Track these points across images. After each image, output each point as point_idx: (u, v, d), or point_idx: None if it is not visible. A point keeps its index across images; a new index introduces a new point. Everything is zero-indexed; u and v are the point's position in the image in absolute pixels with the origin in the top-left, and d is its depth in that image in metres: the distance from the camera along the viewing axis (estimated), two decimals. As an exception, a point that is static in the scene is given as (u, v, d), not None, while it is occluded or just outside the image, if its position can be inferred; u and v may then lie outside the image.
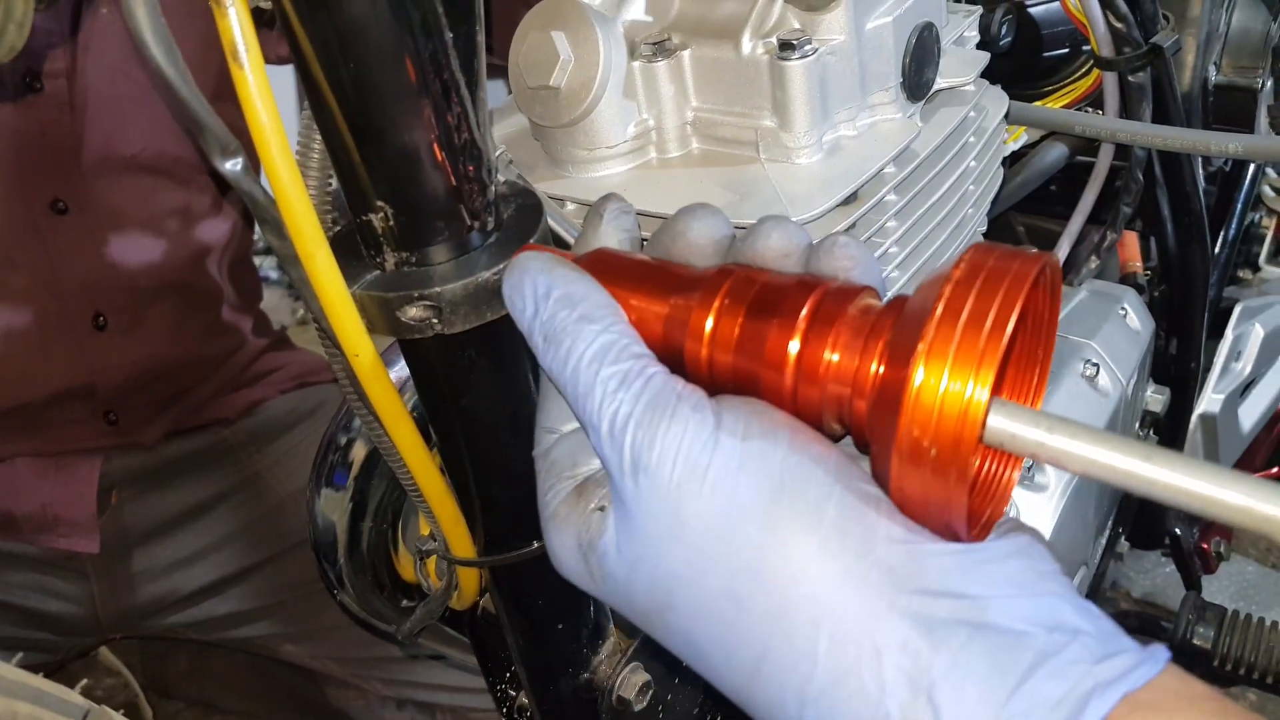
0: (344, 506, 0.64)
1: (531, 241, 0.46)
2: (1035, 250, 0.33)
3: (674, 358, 0.40)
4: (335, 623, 1.07)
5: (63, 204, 0.99)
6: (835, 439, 0.36)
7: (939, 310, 0.31)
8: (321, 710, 1.35)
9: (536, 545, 0.55)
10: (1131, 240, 1.12)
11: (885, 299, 0.37)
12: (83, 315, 1.03)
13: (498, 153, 0.53)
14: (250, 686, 1.41)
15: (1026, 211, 1.08)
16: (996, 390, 0.31)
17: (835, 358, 0.35)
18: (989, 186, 0.70)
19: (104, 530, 1.14)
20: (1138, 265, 1.13)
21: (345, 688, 1.28)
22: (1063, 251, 0.97)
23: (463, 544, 0.55)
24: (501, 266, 0.44)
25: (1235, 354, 1.24)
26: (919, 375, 0.30)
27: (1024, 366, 0.37)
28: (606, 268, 0.42)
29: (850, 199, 0.55)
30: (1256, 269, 1.52)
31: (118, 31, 0.97)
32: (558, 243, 0.54)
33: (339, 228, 0.49)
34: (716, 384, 0.38)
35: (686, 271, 0.40)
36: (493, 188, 0.46)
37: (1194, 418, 1.17)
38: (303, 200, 0.41)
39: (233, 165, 0.40)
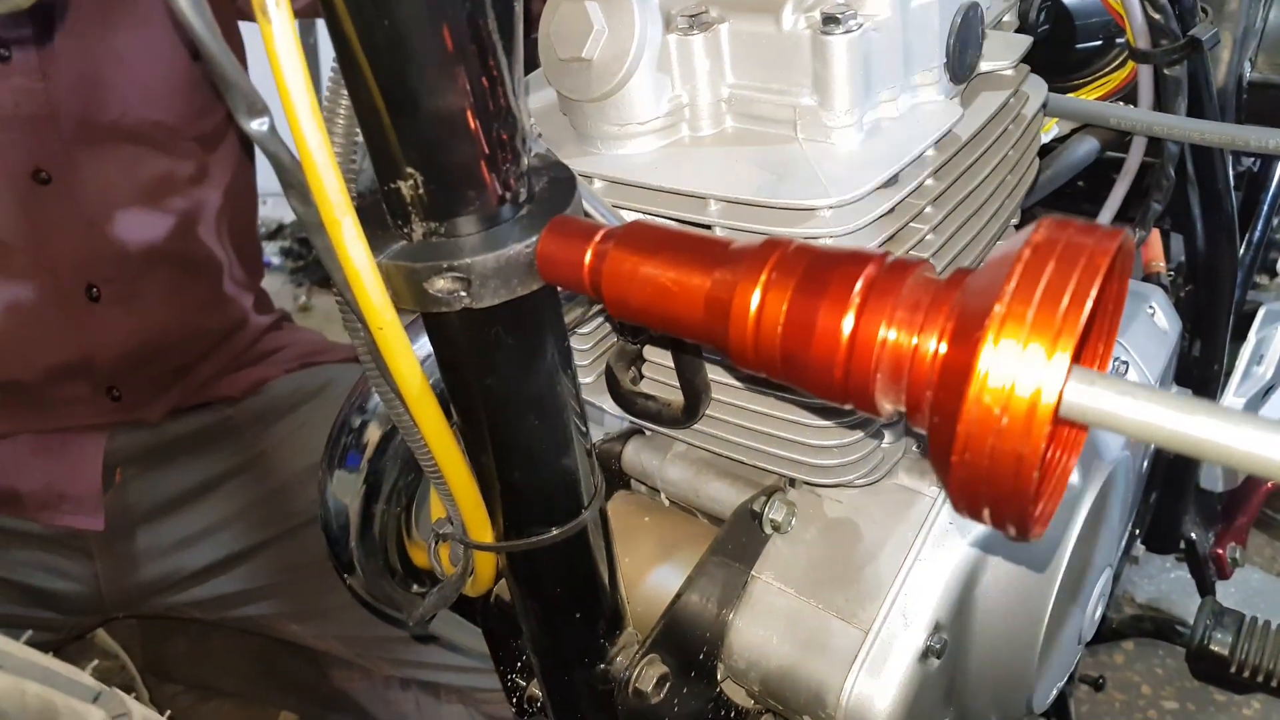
0: (357, 489, 0.62)
1: (566, 214, 0.44)
2: (1110, 226, 0.31)
3: (717, 337, 0.38)
4: (340, 602, 1.06)
5: (45, 174, 0.98)
6: (889, 420, 0.35)
7: (1015, 279, 0.29)
8: (323, 693, 1.34)
9: (556, 532, 0.54)
10: (1155, 239, 1.11)
11: (943, 275, 0.35)
12: (75, 287, 1.01)
13: (530, 123, 0.52)
14: (250, 669, 1.40)
15: (1053, 207, 1.06)
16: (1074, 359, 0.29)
17: (892, 334, 0.33)
18: (1025, 177, 0.68)
19: (108, 508, 1.13)
20: (1160, 265, 1.11)
21: (349, 669, 1.27)
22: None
23: (481, 528, 0.54)
24: (534, 239, 0.42)
25: (1258, 358, 1.22)
26: (990, 342, 0.29)
27: (1089, 348, 0.35)
28: (643, 241, 0.40)
29: (890, 182, 0.54)
30: (1274, 274, 1.51)
31: None
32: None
33: (359, 197, 0.47)
34: (763, 364, 0.37)
35: (730, 244, 0.39)
36: (526, 158, 0.44)
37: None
38: (330, 164, 0.40)
39: (259, 125, 0.38)
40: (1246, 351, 1.20)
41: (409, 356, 0.44)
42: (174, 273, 1.09)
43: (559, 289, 0.46)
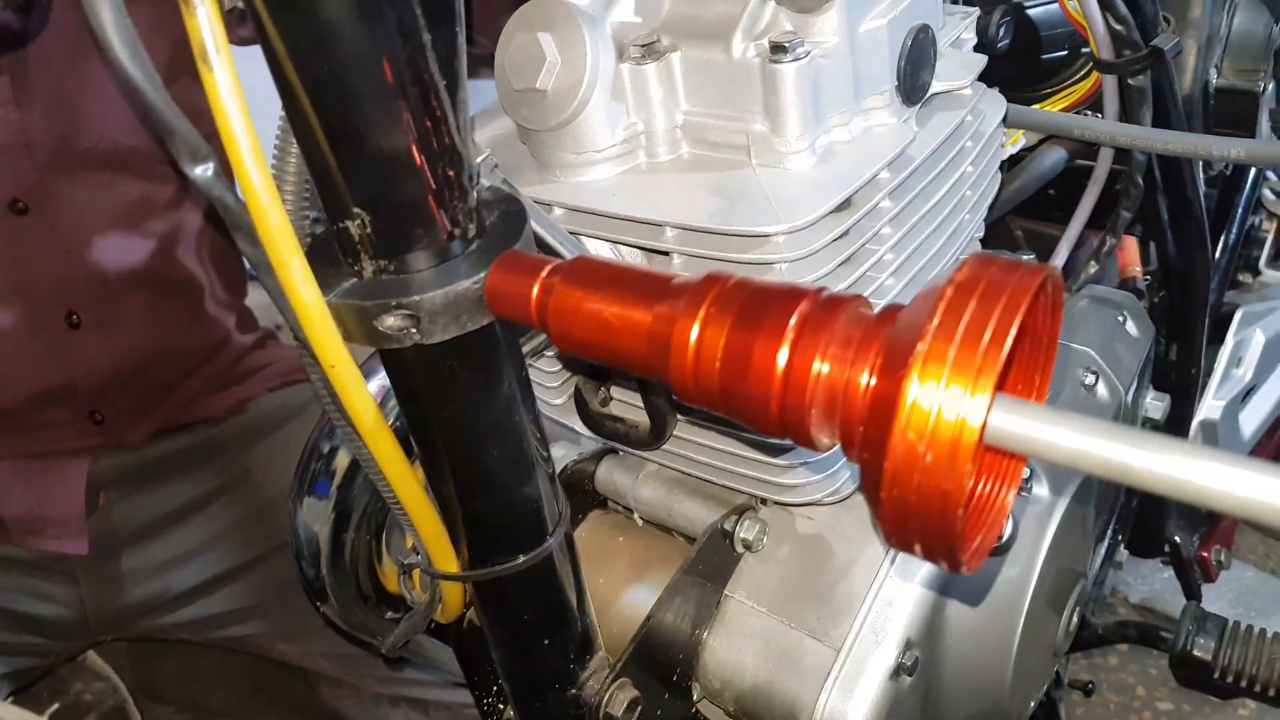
0: (327, 516, 0.62)
1: (515, 249, 0.44)
2: (1035, 262, 0.31)
3: (658, 371, 0.38)
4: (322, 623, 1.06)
5: (21, 204, 0.98)
6: (823, 452, 0.35)
7: (937, 317, 0.30)
8: (314, 710, 1.34)
9: (521, 560, 0.54)
10: (1131, 245, 1.11)
11: (877, 310, 0.36)
12: (55, 314, 1.01)
13: (481, 157, 0.52)
14: (241, 687, 1.40)
15: (1025, 216, 1.06)
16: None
17: (825, 368, 0.34)
18: (986, 191, 0.69)
19: (93, 531, 1.13)
20: (1137, 270, 1.12)
21: (339, 686, 1.27)
22: (1061, 256, 0.96)
23: (445, 558, 0.54)
24: (482, 275, 0.43)
25: (1236, 360, 1.23)
26: (914, 380, 0.29)
27: (1022, 380, 0.36)
28: (588, 276, 0.41)
29: (844, 205, 0.54)
30: (1257, 273, 1.51)
31: (62, 24, 0.96)
32: (542, 248, 0.52)
33: (316, 234, 0.47)
34: (704, 397, 0.37)
35: (672, 279, 0.39)
36: (474, 193, 0.44)
37: (1194, 425, 1.16)
38: (275, 206, 0.40)
39: (203, 171, 0.39)
40: (1225, 354, 1.21)
41: (362, 392, 0.45)
42: (154, 296, 1.09)
43: (515, 320, 0.47)
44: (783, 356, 0.34)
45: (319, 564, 0.64)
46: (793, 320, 0.35)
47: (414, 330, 0.43)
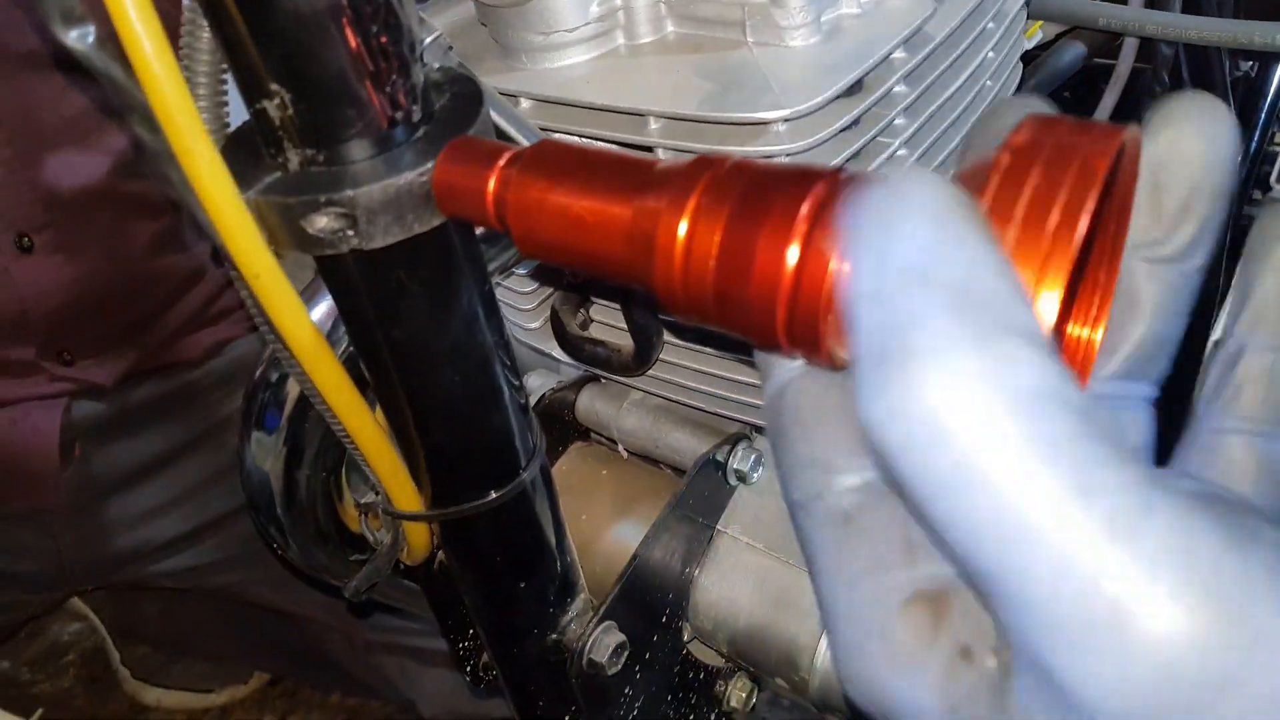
0: (278, 451, 0.56)
1: (469, 134, 0.37)
2: (1109, 123, 0.25)
3: (641, 275, 0.32)
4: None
5: None
6: (839, 369, 0.29)
7: (992, 189, 0.23)
8: (301, 653, 1.30)
9: (492, 496, 0.48)
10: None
11: None
12: (4, 237, 0.94)
13: (434, 36, 0.45)
14: (222, 631, 1.36)
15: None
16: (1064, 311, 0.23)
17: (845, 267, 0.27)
18: (1007, 84, 0.62)
19: (70, 483, 1.07)
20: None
21: (329, 631, 1.23)
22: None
23: (406, 496, 0.48)
24: (429, 165, 0.36)
25: (1253, 275, 1.17)
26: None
27: (1089, 278, 0.30)
28: (555, 163, 0.34)
29: (854, 89, 0.47)
30: (1267, 188, 1.45)
31: None
32: (502, 139, 0.45)
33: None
34: (695, 307, 0.31)
35: (656, 165, 0.32)
36: (418, 69, 0.37)
37: (1209, 343, 1.10)
38: (173, 78, 0.33)
39: (79, 35, 0.32)
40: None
41: (294, 306, 0.38)
42: (116, 216, 1.01)
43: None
44: (793, 254, 0.28)
45: (272, 503, 0.58)
46: (804, 209, 0.28)
47: (350, 232, 0.36)
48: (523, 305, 0.64)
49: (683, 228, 0.30)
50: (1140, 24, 0.74)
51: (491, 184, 0.35)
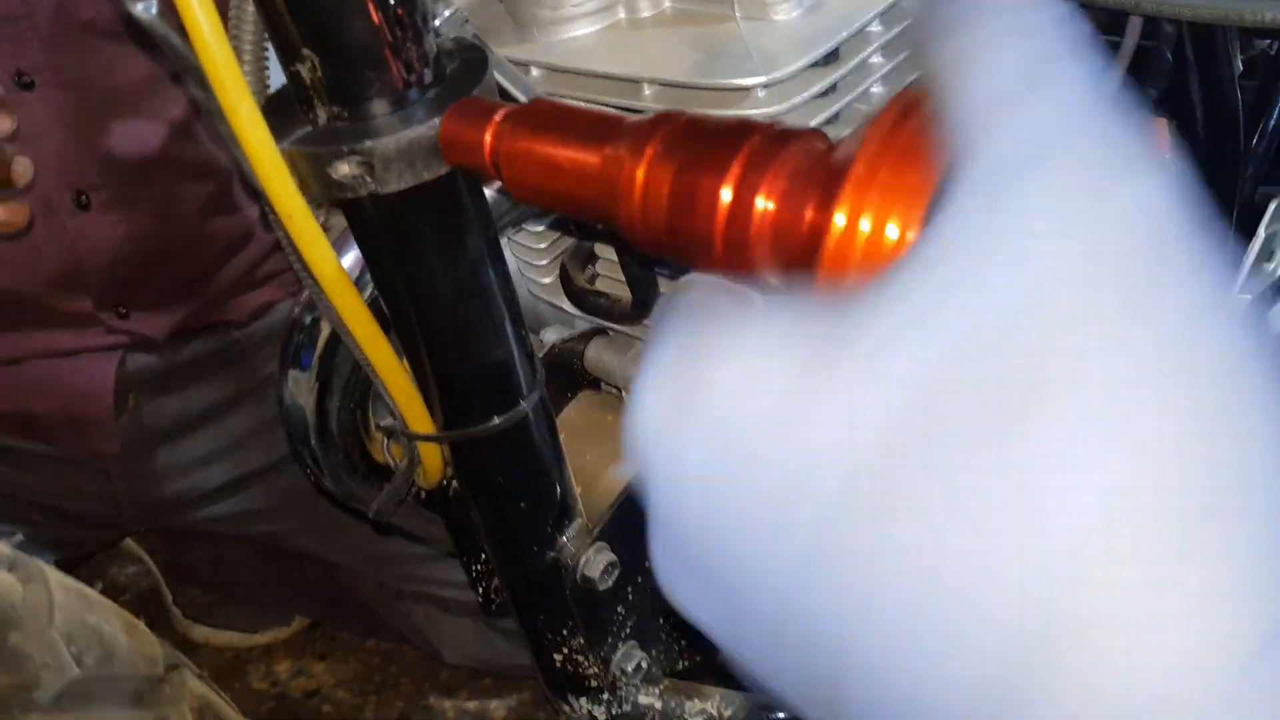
0: (311, 387, 0.62)
1: (474, 95, 0.43)
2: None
3: (609, 214, 0.37)
4: (350, 520, 1.08)
5: (27, 77, 0.97)
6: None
7: (873, 141, 0.28)
8: (337, 601, 1.37)
9: (497, 421, 0.54)
10: (1162, 128, 1.06)
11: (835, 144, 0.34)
12: (63, 195, 1.01)
13: (452, 10, 0.50)
14: (268, 576, 1.44)
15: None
16: None
17: (770, 205, 0.32)
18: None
19: (124, 431, 1.15)
20: (1166, 155, 1.07)
21: (363, 580, 1.31)
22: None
23: (419, 419, 0.54)
24: (436, 121, 0.42)
25: (1268, 253, 1.18)
26: (841, 209, 0.28)
27: None
28: (541, 119, 0.39)
29: (831, 59, 0.52)
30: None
31: None
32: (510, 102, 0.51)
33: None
34: (652, 239, 0.36)
35: (624, 120, 0.38)
36: (429, 37, 0.43)
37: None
38: (221, 44, 0.39)
39: (144, 7, 0.37)
40: (1255, 247, 1.16)
41: (321, 243, 0.44)
42: (171, 179, 1.08)
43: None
44: (726, 193, 0.33)
45: (307, 433, 0.65)
46: (739, 155, 0.33)
47: (368, 178, 0.42)
48: (536, 261, 0.69)
49: (641, 172, 0.35)
50: (1137, 1, 0.77)
51: (488, 137, 0.40)
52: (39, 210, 1.02)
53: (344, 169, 0.42)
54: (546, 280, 0.70)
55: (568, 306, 0.69)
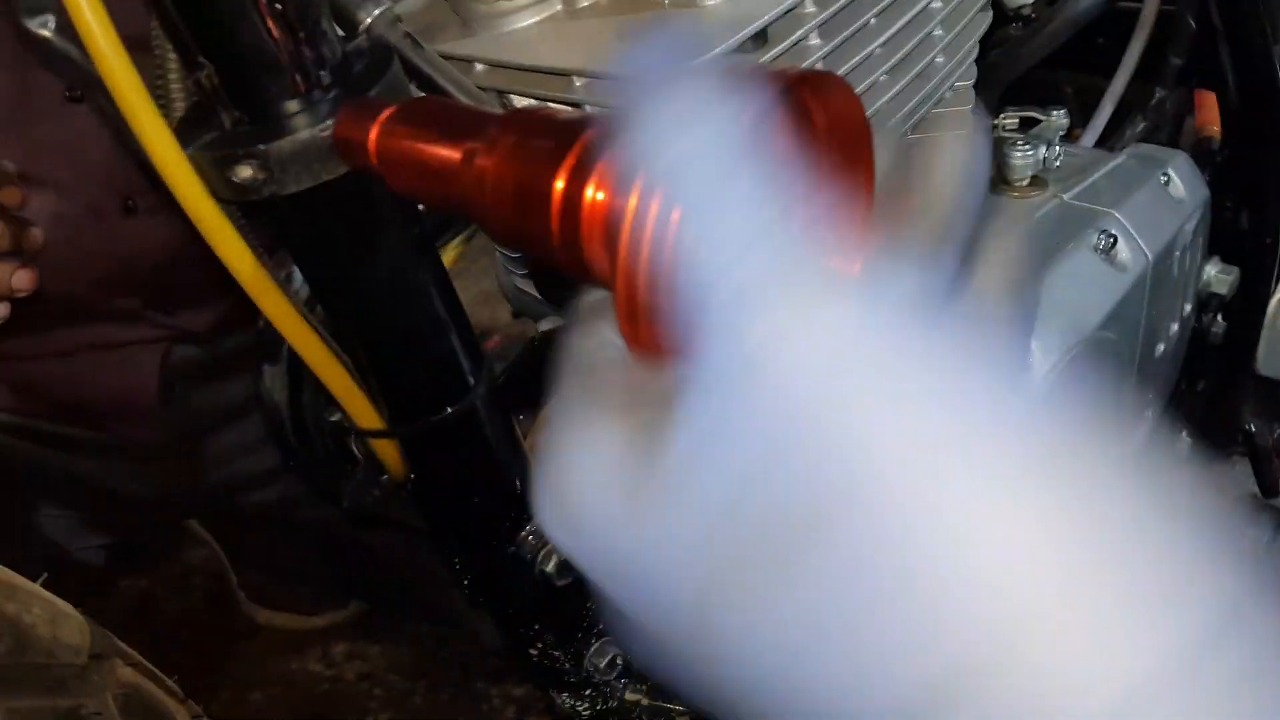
0: (283, 381, 0.64)
1: (371, 95, 0.43)
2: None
3: (473, 214, 0.37)
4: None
5: (77, 92, 1.02)
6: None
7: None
8: (387, 583, 1.41)
9: (444, 415, 0.55)
10: (1209, 101, 1.00)
11: None
12: (111, 201, 1.06)
13: (382, 9, 0.51)
14: (322, 560, 1.49)
15: (1075, 68, 0.97)
16: None
17: (600, 195, 0.32)
18: (969, 29, 0.63)
19: (169, 420, 1.20)
20: (1215, 129, 1.01)
21: (410, 564, 1.34)
22: (1104, 113, 0.87)
23: (365, 415, 0.55)
24: (329, 123, 0.42)
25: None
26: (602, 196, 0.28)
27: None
28: (417, 117, 0.39)
29: (760, 41, 0.50)
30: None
31: None
32: (428, 89, 0.51)
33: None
34: (509, 239, 0.36)
35: (491, 115, 0.37)
36: (328, 41, 0.43)
37: (1273, 302, 1.06)
38: (119, 57, 0.40)
39: (40, 23, 0.39)
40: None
41: (235, 243, 0.46)
42: None
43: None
44: (559, 185, 0.33)
45: (284, 428, 0.67)
46: (572, 149, 0.33)
47: (268, 181, 0.43)
48: (513, 254, 0.69)
49: (487, 167, 0.35)
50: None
51: (373, 136, 0.40)
52: (88, 216, 1.08)
53: (244, 172, 0.43)
54: (522, 273, 0.71)
55: (541, 297, 0.70)
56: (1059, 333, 0.68)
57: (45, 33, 0.39)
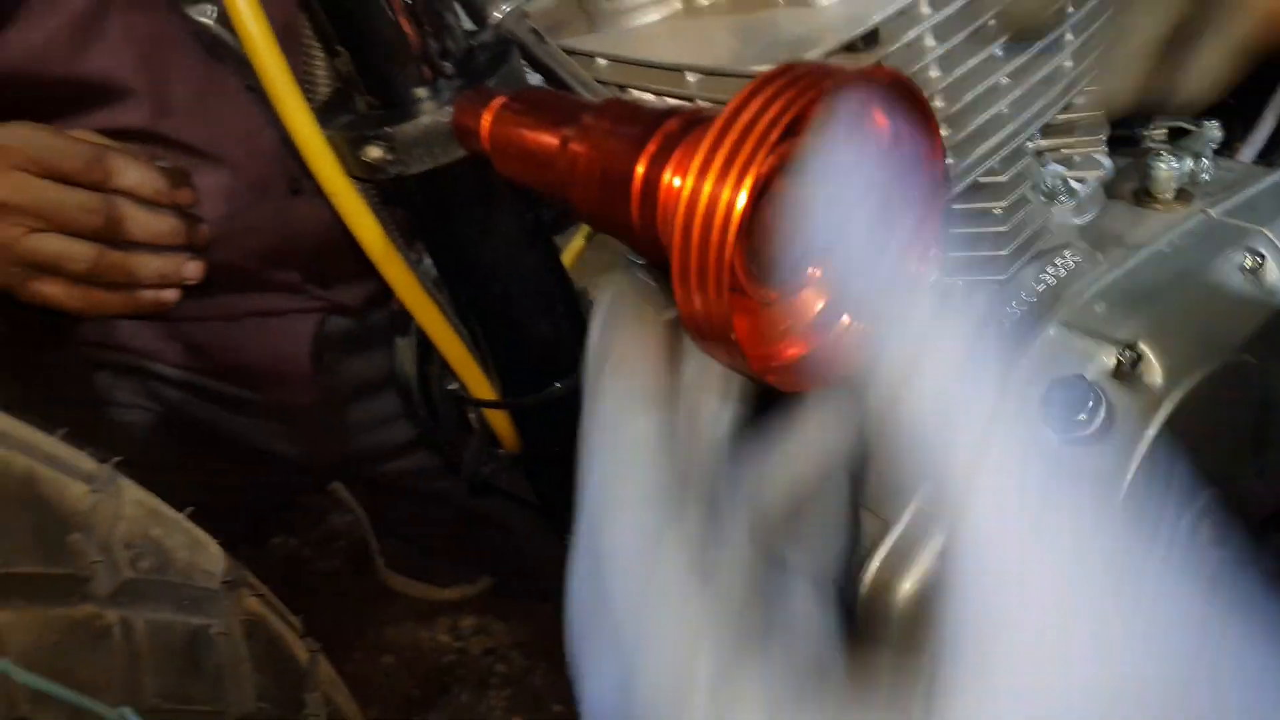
0: (413, 353, 0.69)
1: (487, 85, 0.47)
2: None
3: (568, 197, 0.40)
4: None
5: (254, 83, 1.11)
6: None
7: (721, 119, 0.29)
8: (512, 560, 1.47)
9: (549, 390, 0.58)
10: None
11: None
12: (278, 181, 1.15)
13: (511, 7, 0.54)
14: (456, 533, 1.56)
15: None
16: None
17: (676, 181, 0.34)
18: (1099, 32, 0.61)
19: (319, 386, 1.29)
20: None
21: (533, 542, 1.39)
22: (1267, 126, 0.82)
23: (479, 385, 0.59)
24: (449, 109, 0.46)
25: None
26: (678, 182, 0.29)
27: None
28: (524, 105, 0.42)
29: (871, 42, 0.51)
30: None
31: None
32: (551, 81, 0.54)
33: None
34: (593, 219, 0.38)
35: (584, 102, 0.40)
36: (455, 34, 0.47)
37: None
38: (269, 45, 0.45)
39: (201, 12, 0.44)
40: None
41: (366, 218, 0.50)
42: None
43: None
44: (639, 169, 0.35)
45: (413, 398, 0.72)
46: (656, 133, 0.35)
47: (395, 161, 0.47)
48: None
49: (579, 152, 0.37)
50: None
51: (485, 124, 0.44)
52: (257, 194, 1.18)
53: (374, 152, 0.47)
54: (641, 262, 0.73)
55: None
56: (1194, 354, 0.64)
57: (206, 20, 0.44)
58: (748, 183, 0.28)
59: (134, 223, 0.88)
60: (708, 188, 0.29)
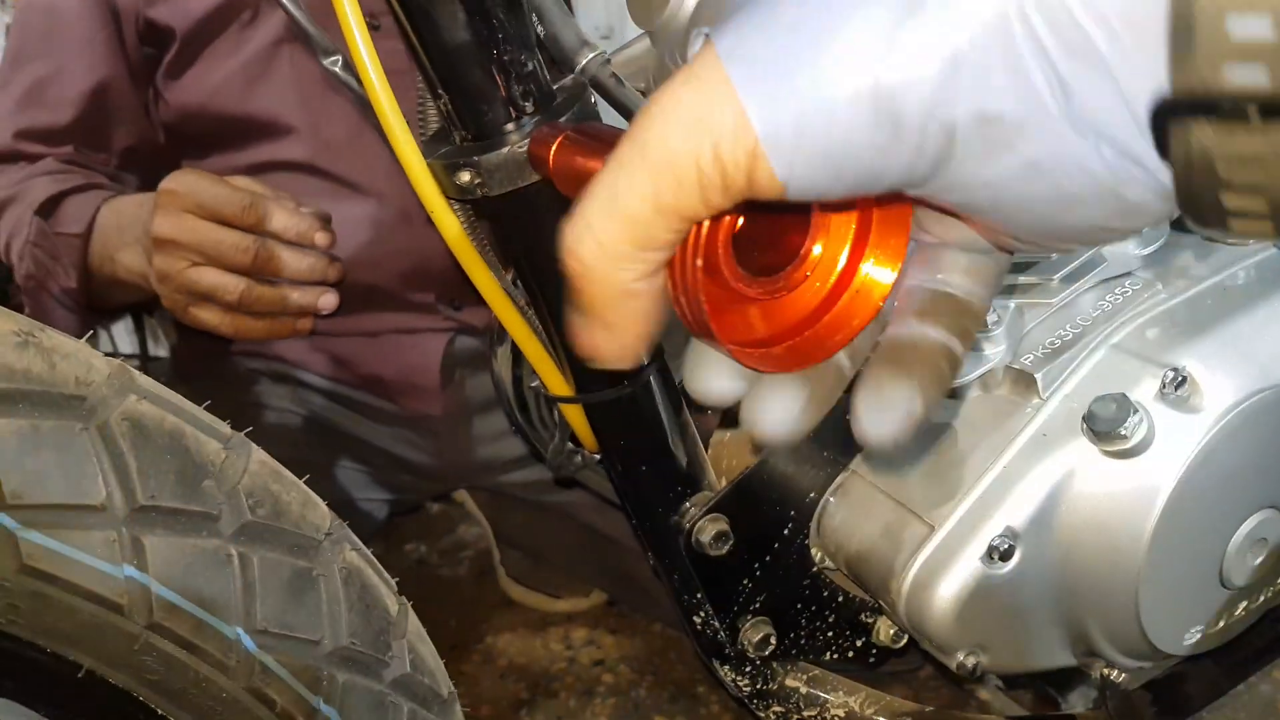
0: (507, 358, 0.78)
1: (559, 122, 0.55)
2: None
3: None
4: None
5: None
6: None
7: None
8: (624, 575, 1.54)
9: (614, 388, 0.65)
10: None
11: None
12: (418, 210, 1.27)
13: (595, 54, 0.63)
14: (572, 546, 1.64)
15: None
16: None
17: None
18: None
19: (447, 399, 1.41)
20: None
21: (642, 558, 1.46)
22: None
23: (555, 382, 0.66)
24: (526, 142, 0.54)
25: None
26: None
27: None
28: (584, 138, 0.50)
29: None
30: None
31: None
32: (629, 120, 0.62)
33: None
34: None
35: None
36: (535, 83, 0.55)
37: None
38: (384, 90, 0.55)
39: (332, 62, 0.55)
40: None
41: (458, 232, 0.59)
42: None
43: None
44: None
45: (509, 399, 0.81)
46: None
47: (481, 185, 0.56)
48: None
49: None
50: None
51: (552, 152, 0.52)
52: (399, 222, 1.31)
53: (465, 177, 0.56)
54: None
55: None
56: (1243, 380, 0.66)
57: (335, 69, 0.54)
58: None
59: (280, 261, 1.00)
60: None
